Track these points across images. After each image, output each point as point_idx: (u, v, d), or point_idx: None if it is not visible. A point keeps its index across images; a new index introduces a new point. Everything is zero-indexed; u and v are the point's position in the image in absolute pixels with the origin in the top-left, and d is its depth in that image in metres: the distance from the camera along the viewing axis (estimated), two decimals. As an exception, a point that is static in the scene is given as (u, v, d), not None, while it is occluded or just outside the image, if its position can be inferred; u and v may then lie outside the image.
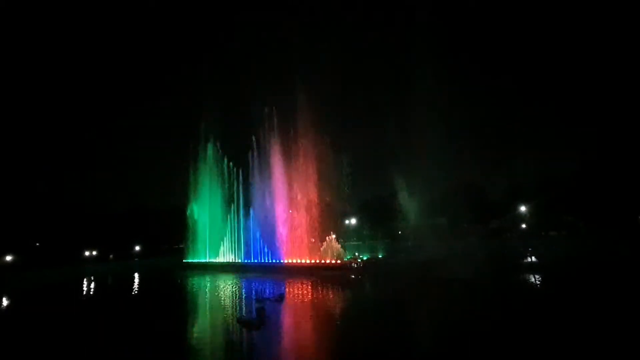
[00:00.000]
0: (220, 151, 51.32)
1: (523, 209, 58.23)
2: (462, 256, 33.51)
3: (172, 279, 38.96)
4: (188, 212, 55.19)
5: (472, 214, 64.95)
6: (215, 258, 48.67)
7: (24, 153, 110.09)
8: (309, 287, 25.34)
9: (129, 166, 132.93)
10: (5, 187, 66.44)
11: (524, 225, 62.28)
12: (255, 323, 14.20)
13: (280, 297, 20.02)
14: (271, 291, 23.64)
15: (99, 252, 70.01)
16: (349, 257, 36.33)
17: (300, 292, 23.96)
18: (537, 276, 24.14)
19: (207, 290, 29.14)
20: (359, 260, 34.25)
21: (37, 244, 63.92)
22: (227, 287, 29.23)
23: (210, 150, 52.29)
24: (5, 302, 29.04)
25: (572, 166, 63.00)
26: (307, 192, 38.48)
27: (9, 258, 54.42)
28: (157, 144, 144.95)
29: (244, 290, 26.96)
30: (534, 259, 33.52)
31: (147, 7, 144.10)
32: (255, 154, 45.19)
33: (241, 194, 47.13)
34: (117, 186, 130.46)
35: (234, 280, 32.83)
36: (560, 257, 33.95)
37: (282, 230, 39.96)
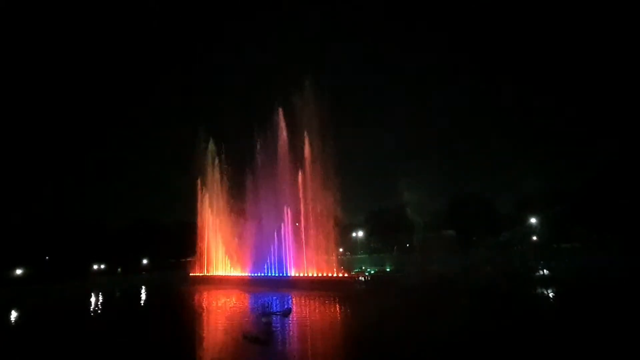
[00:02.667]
0: (225, 164, 51.33)
1: (533, 220, 57.24)
2: (474, 270, 33.01)
3: (179, 292, 38.83)
4: (195, 226, 55.20)
5: (481, 226, 64.06)
6: (222, 271, 48.47)
7: (32, 169, 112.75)
8: (317, 301, 25.06)
9: (136, 181, 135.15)
10: (15, 202, 67.74)
11: (534, 237, 61.13)
12: (263, 338, 14.04)
13: (287, 312, 19.78)
14: (278, 305, 23.42)
15: (107, 266, 70.37)
16: (356, 270, 35.93)
17: (307, 306, 23.69)
18: (549, 290, 23.56)
19: (213, 304, 28.95)
20: (367, 274, 33.83)
21: (47, 258, 64.50)
22: (233, 301, 29.03)
23: (216, 163, 52.45)
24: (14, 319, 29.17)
25: (582, 177, 62.17)
26: (314, 204, 38.34)
27: (19, 272, 54.92)
28: (163, 159, 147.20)
29: (251, 304, 26.75)
30: (546, 271, 32.77)
31: (152, 23, 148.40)
32: (260, 162, 45.23)
33: (247, 207, 47.10)
34: (124, 201, 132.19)
35: (241, 294, 32.61)
36: (572, 270, 33.14)
37: (288, 243, 39.73)
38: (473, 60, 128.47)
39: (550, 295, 22.35)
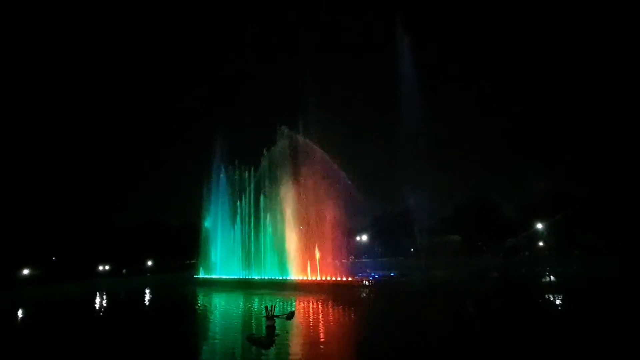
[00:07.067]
0: (233, 166, 51.50)
1: (540, 226, 56.55)
2: (480, 276, 32.70)
3: (183, 295, 38.98)
4: (200, 227, 55.47)
5: (487, 231, 63.43)
6: (225, 274, 48.52)
7: (39, 168, 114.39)
8: (320, 305, 24.95)
9: (142, 182, 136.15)
10: (23, 203, 68.65)
11: (541, 244, 60.40)
12: (265, 342, 13.96)
13: (291, 315, 19.64)
14: (281, 308, 23.33)
15: (112, 267, 70.89)
16: (360, 274, 35.76)
17: (310, 310, 23.59)
18: (556, 296, 23.21)
19: (215, 307, 28.97)
20: (371, 278, 33.63)
21: (54, 258, 65.17)
22: (236, 304, 29.01)
23: (222, 168, 52.67)
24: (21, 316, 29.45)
25: (592, 181, 61.09)
26: (318, 207, 38.28)
27: (26, 271, 55.54)
28: (170, 160, 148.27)
29: (253, 307, 26.69)
30: (552, 278, 32.32)
31: (160, 23, 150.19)
32: (266, 167, 45.38)
33: (252, 208, 47.18)
34: (130, 202, 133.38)
35: (244, 297, 32.57)
36: (580, 277, 32.65)
37: (292, 246, 39.70)
38: (478, 60, 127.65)
39: (557, 301, 22.00)
